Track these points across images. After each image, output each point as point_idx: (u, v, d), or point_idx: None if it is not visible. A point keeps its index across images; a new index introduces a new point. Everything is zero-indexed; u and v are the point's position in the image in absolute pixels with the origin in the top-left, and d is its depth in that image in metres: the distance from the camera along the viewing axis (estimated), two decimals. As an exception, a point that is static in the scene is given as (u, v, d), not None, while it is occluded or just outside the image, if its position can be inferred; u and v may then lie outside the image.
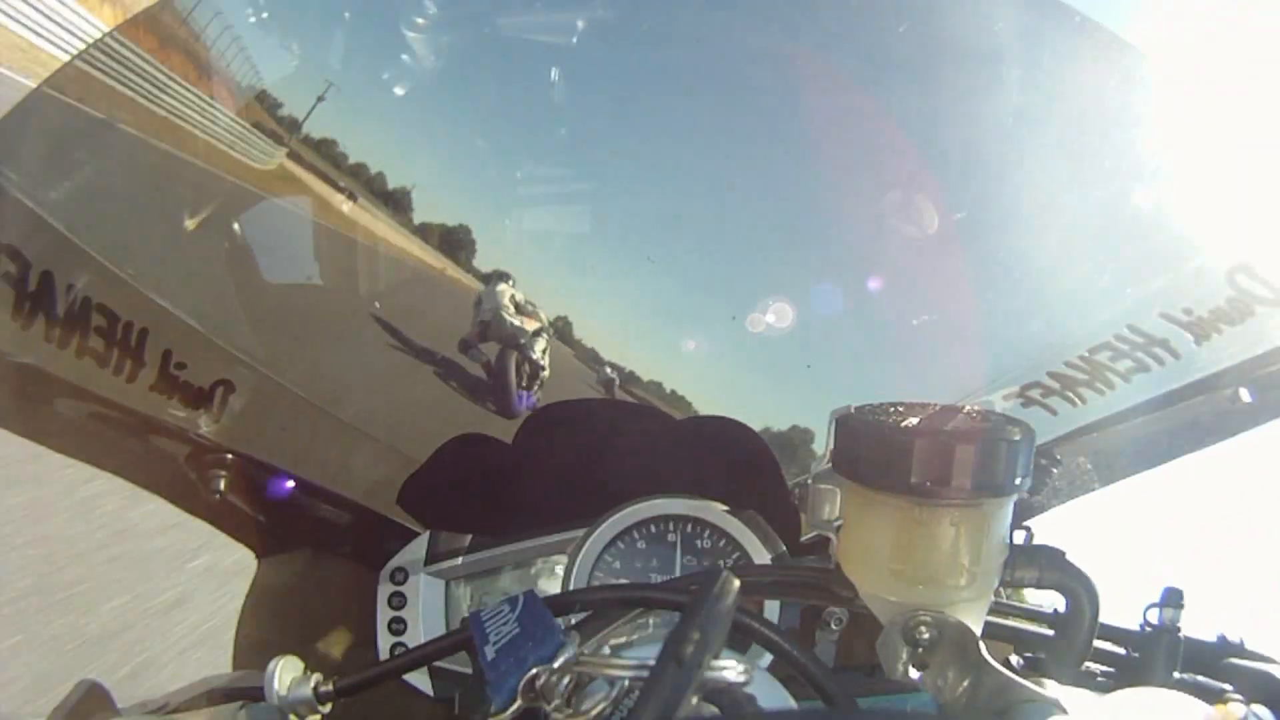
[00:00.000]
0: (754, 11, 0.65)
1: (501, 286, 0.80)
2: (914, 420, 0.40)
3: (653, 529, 0.73)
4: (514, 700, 0.35)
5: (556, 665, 0.35)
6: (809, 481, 0.46)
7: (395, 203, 0.77)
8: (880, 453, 0.39)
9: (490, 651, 0.38)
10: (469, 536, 0.78)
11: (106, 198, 0.59)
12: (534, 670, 0.35)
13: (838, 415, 0.43)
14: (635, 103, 0.71)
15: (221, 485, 0.69)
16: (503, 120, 0.73)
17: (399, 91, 0.67)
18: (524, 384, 0.85)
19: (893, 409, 0.43)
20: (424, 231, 0.78)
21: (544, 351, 0.86)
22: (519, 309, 0.82)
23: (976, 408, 0.43)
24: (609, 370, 0.83)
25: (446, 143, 0.76)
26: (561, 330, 0.85)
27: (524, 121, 0.73)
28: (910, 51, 0.64)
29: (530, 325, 0.84)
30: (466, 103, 0.73)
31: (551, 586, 0.76)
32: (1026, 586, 0.55)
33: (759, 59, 0.66)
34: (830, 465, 0.44)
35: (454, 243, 0.78)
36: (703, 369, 0.82)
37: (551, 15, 0.63)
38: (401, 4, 0.62)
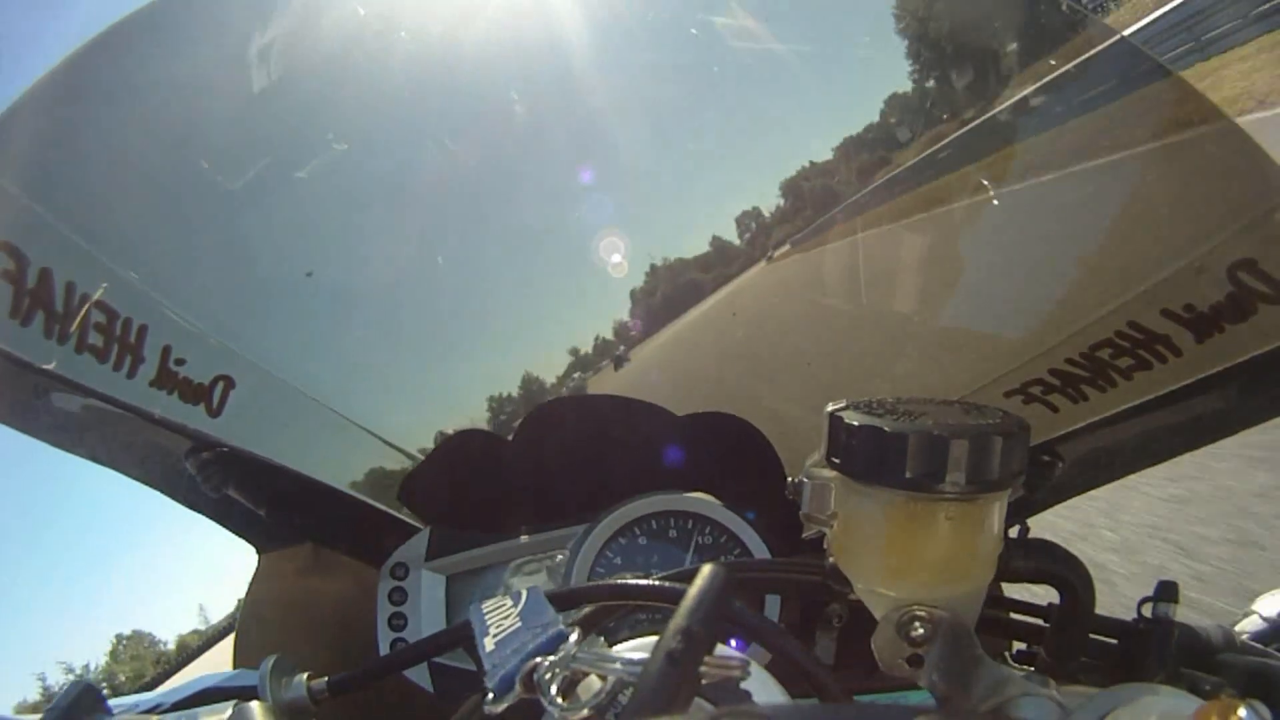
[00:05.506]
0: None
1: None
2: (908, 414, 0.40)
3: (654, 525, 0.73)
4: (512, 689, 0.34)
5: (556, 657, 0.35)
6: (803, 478, 0.46)
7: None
8: (874, 447, 0.39)
9: (490, 643, 0.38)
10: (470, 532, 0.78)
11: (106, 195, 0.59)
12: (535, 661, 0.35)
13: (831, 410, 0.43)
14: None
15: (222, 481, 0.69)
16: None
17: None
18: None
19: (886, 403, 0.43)
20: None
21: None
22: None
23: (972, 402, 0.43)
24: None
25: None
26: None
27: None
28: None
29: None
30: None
31: (552, 583, 0.76)
32: (1022, 580, 0.55)
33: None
34: (824, 460, 0.44)
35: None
36: (703, 364, 0.82)
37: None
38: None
